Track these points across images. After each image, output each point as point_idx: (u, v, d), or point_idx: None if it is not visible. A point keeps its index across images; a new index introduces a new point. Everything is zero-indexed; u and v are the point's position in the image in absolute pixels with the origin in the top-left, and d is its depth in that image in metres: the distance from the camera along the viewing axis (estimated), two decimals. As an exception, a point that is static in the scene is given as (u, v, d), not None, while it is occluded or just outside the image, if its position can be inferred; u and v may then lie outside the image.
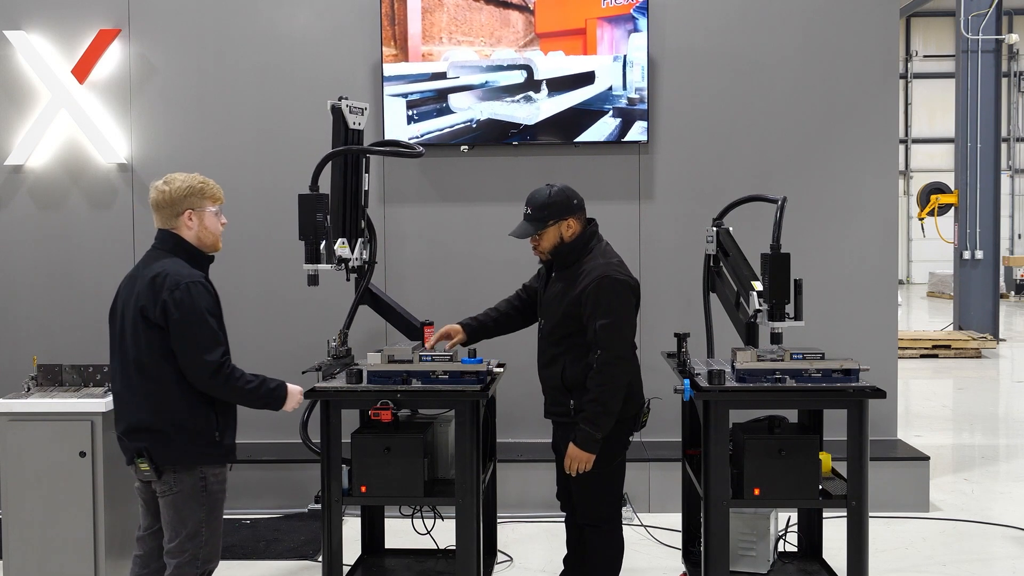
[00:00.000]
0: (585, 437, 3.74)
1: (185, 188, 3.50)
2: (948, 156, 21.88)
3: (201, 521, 3.46)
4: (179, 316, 3.33)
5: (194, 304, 3.35)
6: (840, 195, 6.22)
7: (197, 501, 3.44)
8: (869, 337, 6.12)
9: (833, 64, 6.20)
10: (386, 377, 3.94)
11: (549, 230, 3.88)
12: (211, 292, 3.45)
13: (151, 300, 3.36)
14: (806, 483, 3.81)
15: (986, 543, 5.46)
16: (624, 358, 3.76)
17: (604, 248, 3.93)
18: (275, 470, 5.92)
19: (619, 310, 3.75)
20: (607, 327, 3.72)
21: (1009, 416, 9.54)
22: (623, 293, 3.78)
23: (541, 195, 3.90)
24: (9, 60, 6.25)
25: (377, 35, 6.08)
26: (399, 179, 6.25)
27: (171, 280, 3.36)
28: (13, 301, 6.33)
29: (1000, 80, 14.75)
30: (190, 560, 3.44)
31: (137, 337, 3.39)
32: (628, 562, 4.14)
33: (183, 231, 3.51)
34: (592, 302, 3.75)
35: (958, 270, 14.85)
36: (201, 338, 3.36)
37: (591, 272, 3.80)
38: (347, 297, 4.67)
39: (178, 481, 3.43)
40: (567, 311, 3.84)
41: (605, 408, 3.73)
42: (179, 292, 3.34)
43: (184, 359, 3.37)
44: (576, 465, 3.78)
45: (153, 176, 6.16)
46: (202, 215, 3.52)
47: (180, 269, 3.42)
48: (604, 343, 3.72)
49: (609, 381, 3.72)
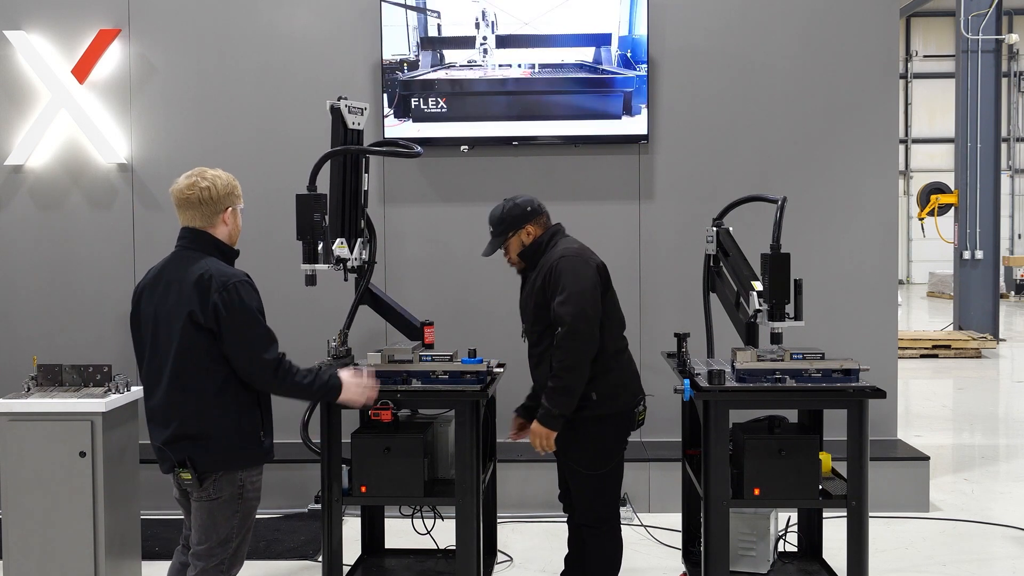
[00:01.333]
0: (545, 413, 3.75)
1: (227, 185, 3.44)
2: (948, 156, 21.88)
3: (233, 528, 3.38)
4: (230, 317, 3.24)
5: (245, 304, 3.27)
6: (840, 195, 6.22)
7: (232, 508, 3.37)
8: (869, 337, 6.12)
9: (833, 64, 6.20)
10: (386, 377, 3.94)
11: (511, 241, 3.99)
12: (257, 292, 3.39)
13: (200, 303, 3.24)
14: (806, 483, 3.81)
15: (986, 543, 5.46)
16: (581, 331, 3.71)
17: (566, 241, 3.98)
18: (275, 470, 5.90)
19: (575, 285, 3.74)
20: (563, 302, 3.73)
21: (1009, 416, 9.54)
22: (580, 268, 3.78)
23: (496, 212, 4.03)
24: (9, 60, 6.26)
25: (377, 35, 6.08)
26: (399, 179, 6.25)
27: (217, 281, 3.26)
28: (13, 301, 6.33)
29: (1000, 80, 14.75)
30: (216, 566, 3.38)
31: (180, 342, 3.27)
32: (628, 562, 4.14)
33: (218, 229, 3.43)
34: (551, 284, 3.79)
35: (958, 270, 14.85)
36: (256, 337, 3.29)
37: (549, 260, 3.86)
38: (347, 297, 4.67)
39: (218, 488, 3.34)
40: (537, 302, 3.88)
41: (564, 383, 3.72)
42: (228, 293, 3.25)
43: (240, 360, 3.28)
44: (538, 441, 3.79)
45: (153, 176, 6.29)
46: (236, 213, 3.49)
47: (223, 269, 3.34)
48: (562, 317, 3.72)
49: (567, 356, 3.70)
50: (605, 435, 3.84)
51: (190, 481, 3.32)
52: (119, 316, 6.28)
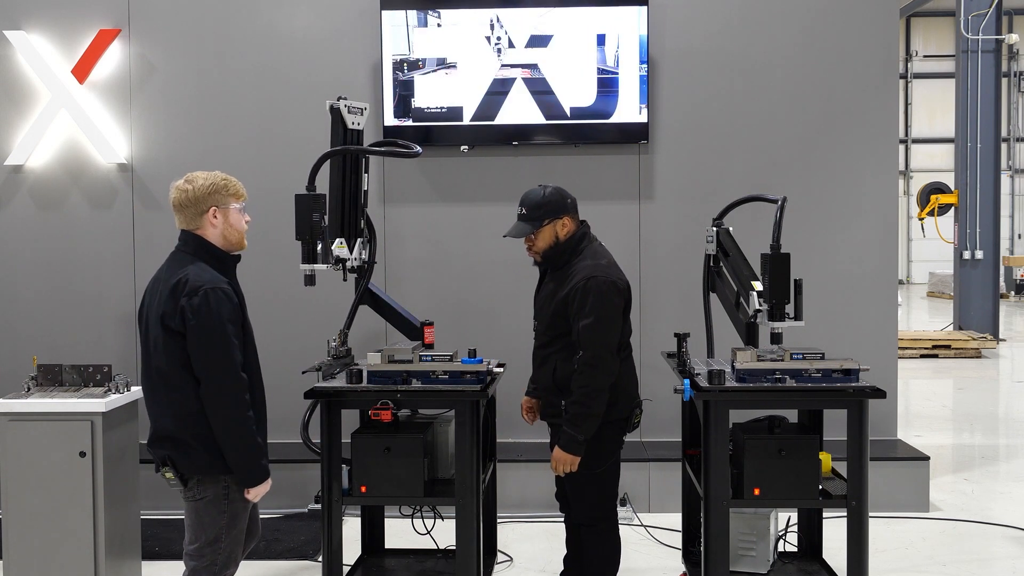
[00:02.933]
0: (568, 439, 3.74)
1: (208, 185, 3.41)
2: (948, 156, 21.89)
3: (221, 528, 3.38)
4: (196, 323, 3.23)
5: (211, 311, 3.24)
6: (840, 195, 6.22)
7: (219, 509, 3.37)
8: (869, 337, 6.12)
9: (833, 64, 6.20)
10: (386, 377, 3.94)
11: (544, 229, 3.90)
12: (233, 299, 3.35)
13: (171, 306, 3.26)
14: (806, 483, 3.81)
15: (986, 543, 5.46)
16: (604, 360, 3.73)
17: (595, 249, 3.94)
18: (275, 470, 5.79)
19: (602, 311, 3.74)
20: (589, 327, 3.72)
21: (1009, 416, 9.54)
22: (608, 294, 3.77)
23: (535, 195, 3.93)
24: (9, 60, 6.26)
25: (377, 35, 6.08)
26: (399, 179, 6.25)
27: (190, 286, 3.26)
28: (13, 301, 6.33)
29: (1000, 80, 14.75)
30: (207, 565, 3.39)
31: (159, 344, 3.30)
32: (628, 562, 4.15)
33: (208, 230, 3.41)
34: (578, 302, 3.76)
35: (958, 270, 14.85)
36: (217, 351, 3.25)
37: (579, 272, 3.82)
38: (347, 297, 4.67)
39: (202, 490, 3.35)
40: (556, 310, 3.86)
41: (587, 410, 3.72)
42: (197, 298, 3.24)
43: (197, 367, 3.26)
44: (561, 467, 3.79)
45: (153, 176, 6.29)
46: (227, 212, 3.44)
47: (202, 274, 3.32)
48: (586, 343, 3.73)
49: (590, 382, 3.72)
50: (602, 437, 3.84)
51: (174, 481, 3.34)
52: (119, 316, 6.29)
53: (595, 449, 3.83)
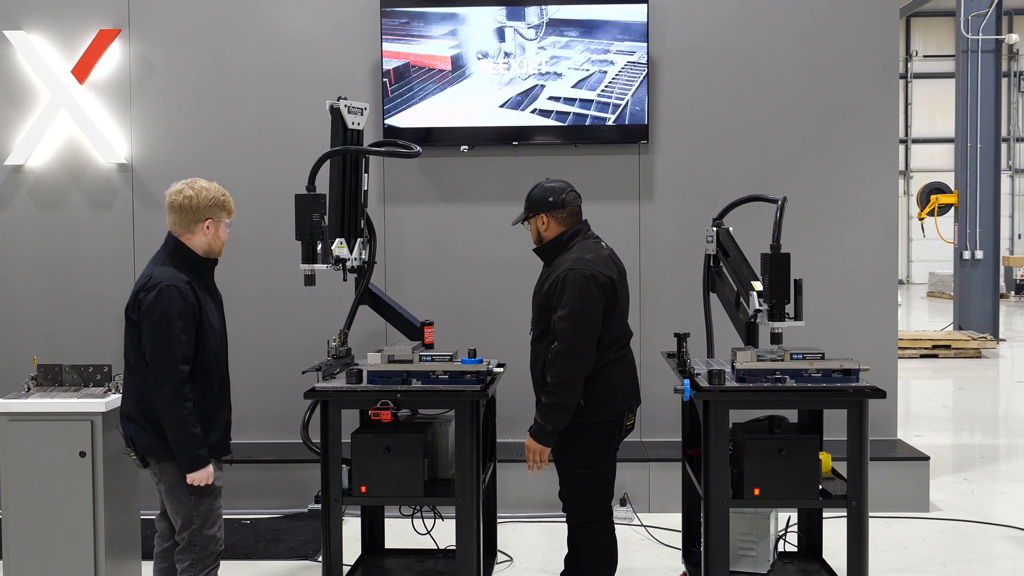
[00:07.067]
0: (537, 428, 3.77)
1: (210, 199, 3.61)
2: (948, 156, 21.88)
3: (191, 509, 3.59)
4: (147, 316, 3.47)
5: (162, 306, 3.46)
6: (840, 195, 6.22)
7: (183, 491, 3.57)
8: (869, 337, 6.12)
9: (833, 64, 6.20)
10: (386, 377, 3.94)
11: (530, 222, 4.01)
12: (187, 297, 3.51)
13: (132, 299, 3.55)
14: (806, 483, 3.81)
15: (986, 543, 5.46)
16: (577, 351, 3.73)
17: (586, 244, 3.94)
18: (275, 470, 5.92)
19: (578, 304, 3.74)
20: (563, 318, 3.73)
21: (1009, 416, 9.54)
22: (586, 288, 3.76)
23: (533, 188, 4.04)
24: (9, 60, 6.25)
25: (377, 35, 6.08)
26: (399, 179, 6.25)
27: (151, 283, 3.50)
28: (13, 301, 6.33)
29: (1000, 80, 14.75)
30: (187, 547, 3.61)
31: (125, 333, 3.60)
32: (628, 562, 4.14)
33: (196, 238, 3.62)
34: (557, 294, 3.78)
35: (958, 270, 14.85)
36: (162, 343, 3.45)
37: (562, 265, 3.84)
38: (347, 297, 4.67)
39: (163, 471, 3.58)
40: (541, 304, 3.88)
41: (557, 400, 3.73)
42: (152, 294, 3.47)
43: (147, 356, 3.50)
44: (531, 456, 3.81)
45: (153, 176, 6.29)
46: (218, 226, 3.65)
47: (164, 273, 3.53)
48: (560, 334, 3.74)
49: (560, 373, 3.72)
50: (593, 439, 3.84)
51: (136, 461, 3.60)
52: (119, 316, 6.17)
53: (584, 450, 3.83)
